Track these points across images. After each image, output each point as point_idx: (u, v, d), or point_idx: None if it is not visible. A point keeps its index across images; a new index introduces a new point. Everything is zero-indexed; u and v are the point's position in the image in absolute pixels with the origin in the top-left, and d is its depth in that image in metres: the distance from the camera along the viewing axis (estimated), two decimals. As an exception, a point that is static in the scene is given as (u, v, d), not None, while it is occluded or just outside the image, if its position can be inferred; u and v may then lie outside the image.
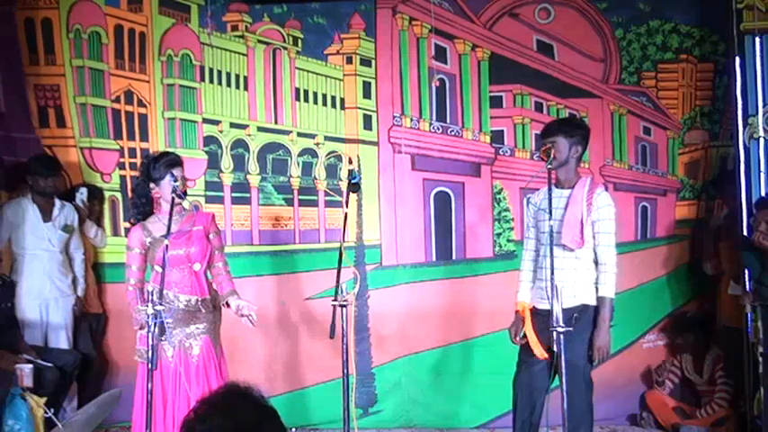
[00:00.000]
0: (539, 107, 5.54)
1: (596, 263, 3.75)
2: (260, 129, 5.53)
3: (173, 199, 3.73)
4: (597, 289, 3.73)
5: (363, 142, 5.50)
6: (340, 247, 3.77)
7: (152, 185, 3.87)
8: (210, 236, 3.99)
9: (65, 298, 5.01)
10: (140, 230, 3.89)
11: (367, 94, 5.51)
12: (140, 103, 5.48)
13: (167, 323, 3.76)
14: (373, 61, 5.52)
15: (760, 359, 4.55)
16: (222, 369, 3.98)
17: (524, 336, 3.82)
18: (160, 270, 3.75)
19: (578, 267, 3.73)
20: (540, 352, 3.71)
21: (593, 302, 3.73)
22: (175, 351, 3.85)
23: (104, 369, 5.35)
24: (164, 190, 3.84)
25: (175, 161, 3.89)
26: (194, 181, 5.42)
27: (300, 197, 5.54)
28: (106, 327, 5.41)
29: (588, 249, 3.73)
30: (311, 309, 5.34)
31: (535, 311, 3.88)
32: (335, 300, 3.67)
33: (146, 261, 3.92)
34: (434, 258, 5.48)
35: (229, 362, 4.15)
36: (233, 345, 5.10)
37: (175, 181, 3.76)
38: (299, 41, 5.55)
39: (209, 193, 5.46)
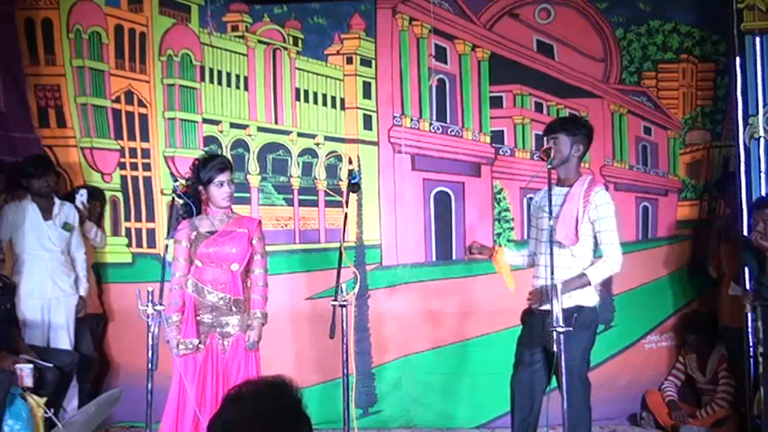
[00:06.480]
0: (539, 107, 5.53)
1: (593, 263, 3.73)
2: (260, 129, 5.53)
3: (172, 199, 3.77)
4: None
5: (363, 142, 5.50)
6: (340, 247, 3.77)
7: (200, 188, 3.95)
8: (254, 241, 4.02)
9: (67, 298, 4.99)
10: (188, 225, 3.97)
11: (367, 94, 5.51)
12: (141, 103, 5.48)
13: (201, 319, 3.85)
14: (373, 61, 5.52)
15: (760, 359, 4.55)
16: (251, 368, 3.97)
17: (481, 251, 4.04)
18: (200, 265, 3.92)
19: (574, 266, 3.70)
20: (512, 284, 3.91)
21: (587, 303, 3.72)
22: (206, 346, 3.89)
23: (104, 369, 5.35)
24: (211, 193, 3.93)
25: (223, 167, 3.96)
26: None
27: (300, 197, 5.54)
28: (106, 327, 5.41)
29: (584, 248, 3.72)
30: (311, 309, 5.34)
31: (531, 312, 3.88)
32: (335, 300, 3.68)
33: (191, 254, 3.98)
34: (434, 258, 5.47)
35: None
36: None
37: (176, 181, 3.81)
38: (300, 41, 5.56)
39: (209, 193, 5.46)
